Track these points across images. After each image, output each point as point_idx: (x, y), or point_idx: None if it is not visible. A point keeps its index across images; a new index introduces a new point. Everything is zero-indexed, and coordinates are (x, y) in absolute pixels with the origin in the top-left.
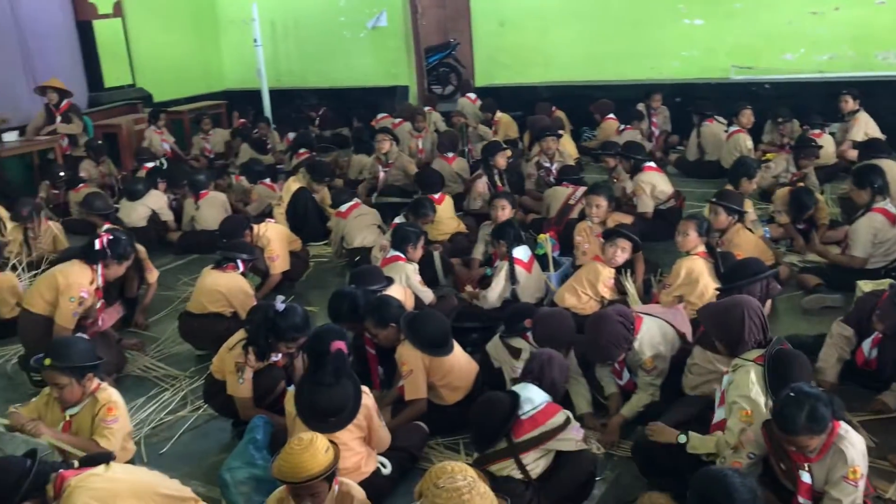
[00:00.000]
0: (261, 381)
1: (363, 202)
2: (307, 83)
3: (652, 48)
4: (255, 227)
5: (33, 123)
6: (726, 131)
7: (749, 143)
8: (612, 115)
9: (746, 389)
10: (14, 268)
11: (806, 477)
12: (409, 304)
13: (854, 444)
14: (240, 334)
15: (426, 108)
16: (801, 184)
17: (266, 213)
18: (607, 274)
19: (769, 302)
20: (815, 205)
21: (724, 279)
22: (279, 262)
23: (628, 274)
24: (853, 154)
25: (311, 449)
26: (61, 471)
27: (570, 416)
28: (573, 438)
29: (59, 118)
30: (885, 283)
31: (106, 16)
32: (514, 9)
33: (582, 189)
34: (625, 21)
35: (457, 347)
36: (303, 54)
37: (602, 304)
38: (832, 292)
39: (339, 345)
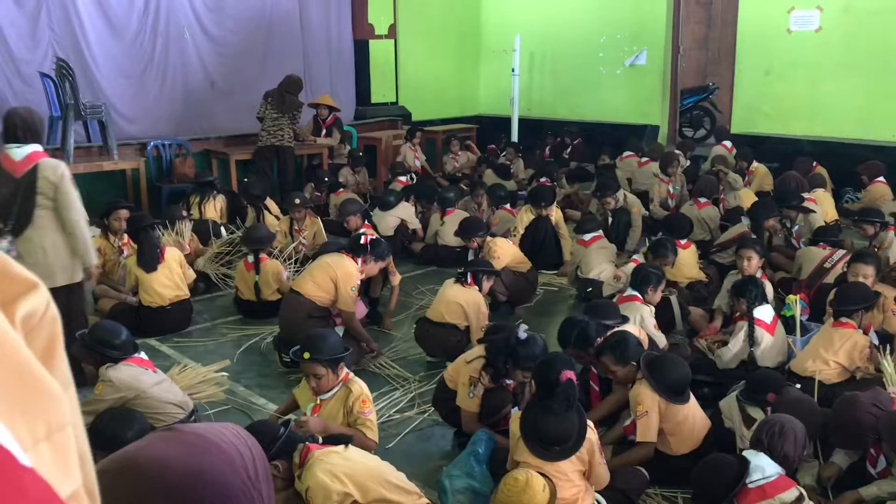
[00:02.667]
0: (490, 400)
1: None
2: (556, 115)
3: None
4: (489, 239)
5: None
6: None
7: None
8: (881, 179)
9: None
10: (276, 256)
11: None
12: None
13: None
14: (479, 350)
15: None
16: None
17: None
18: (864, 343)
19: None
20: None
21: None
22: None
23: (887, 350)
24: None
25: (529, 491)
26: (308, 443)
27: (805, 493)
28: None
29: (323, 131)
30: None
31: (381, 36)
32: (783, 57)
33: (840, 252)
34: None
35: (692, 399)
36: (556, 86)
37: (852, 376)
38: None
39: (570, 374)
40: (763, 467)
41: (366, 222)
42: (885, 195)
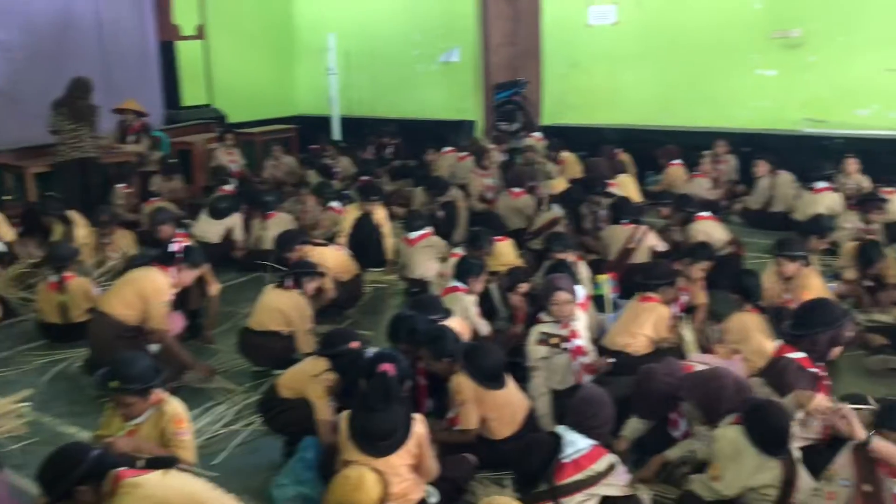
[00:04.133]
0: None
1: None
2: (377, 113)
3: (722, 96)
4: (314, 248)
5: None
6: (811, 188)
7: (836, 203)
8: (678, 161)
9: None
10: (87, 273)
11: None
12: (467, 336)
13: None
14: (322, 363)
15: (491, 147)
16: (870, 237)
17: (330, 239)
18: (667, 315)
19: (837, 349)
20: (882, 259)
21: (797, 323)
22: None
23: (683, 319)
24: None
25: (362, 487)
26: (123, 468)
27: (617, 460)
28: (619, 484)
29: (131, 137)
30: None
31: (189, 37)
32: (585, 51)
33: (642, 229)
34: (696, 68)
35: (510, 383)
36: (374, 84)
37: (657, 346)
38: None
39: (386, 367)
40: (575, 441)
41: (182, 231)
42: (681, 176)
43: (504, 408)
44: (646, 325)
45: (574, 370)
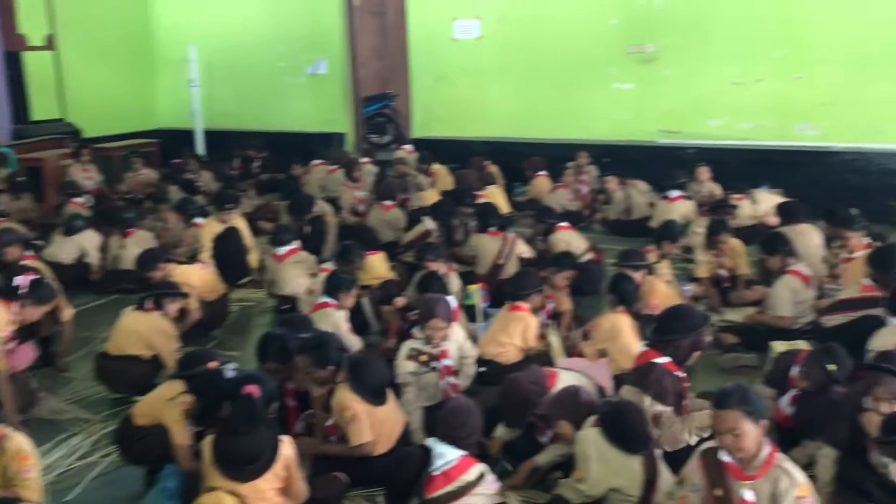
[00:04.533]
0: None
1: None
2: (243, 126)
3: (584, 109)
4: (177, 266)
5: None
6: (666, 197)
7: (690, 210)
8: (543, 173)
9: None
10: None
11: (750, 496)
12: None
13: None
14: (177, 386)
15: (363, 160)
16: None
17: (193, 257)
18: (535, 324)
19: (697, 354)
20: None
21: (660, 328)
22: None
23: (551, 326)
24: (774, 220)
25: None
26: None
27: (486, 469)
28: (489, 492)
29: None
30: (797, 344)
31: (37, 48)
32: (452, 64)
33: (511, 237)
34: (558, 81)
35: (392, 399)
36: (240, 97)
37: (526, 353)
38: (747, 352)
39: (251, 389)
40: (444, 453)
41: (31, 253)
42: (546, 187)
43: (384, 425)
44: (515, 334)
45: (442, 389)
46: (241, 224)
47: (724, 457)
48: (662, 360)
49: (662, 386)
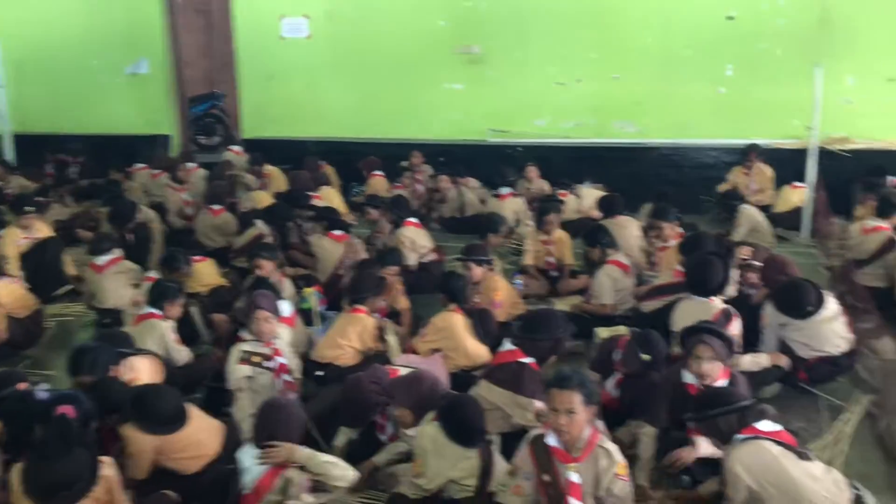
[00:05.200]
0: None
1: None
2: (59, 129)
3: (417, 108)
4: None
5: None
6: (496, 195)
7: (520, 206)
8: (379, 172)
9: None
10: None
11: (575, 477)
12: (158, 374)
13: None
14: None
15: (189, 166)
16: None
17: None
18: (372, 325)
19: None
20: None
21: (525, 327)
22: None
23: (389, 325)
24: (597, 213)
25: None
26: None
27: (296, 475)
28: (311, 500)
29: None
30: (619, 330)
31: None
32: (281, 63)
33: (355, 242)
34: (391, 81)
35: (197, 414)
36: (54, 98)
37: (365, 355)
38: (574, 339)
39: (65, 409)
40: (249, 469)
41: None
42: (384, 187)
43: (188, 447)
44: (353, 336)
45: (278, 388)
46: (45, 231)
47: (551, 441)
48: (528, 360)
49: (537, 383)
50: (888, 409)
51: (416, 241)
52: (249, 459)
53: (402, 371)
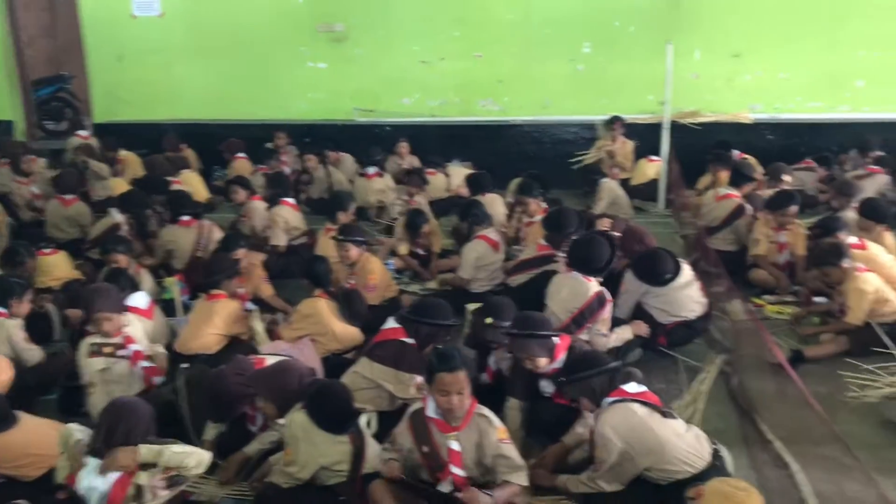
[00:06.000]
0: None
1: None
2: None
3: (280, 89)
4: None
5: None
6: (363, 174)
7: (388, 185)
8: (242, 154)
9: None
10: None
11: (455, 445)
12: (5, 375)
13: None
14: None
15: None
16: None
17: None
18: (237, 308)
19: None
20: (426, 224)
21: (413, 310)
22: None
23: (256, 312)
24: (466, 191)
25: None
26: None
27: (147, 476)
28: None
29: None
30: None
31: None
32: (133, 43)
33: (207, 225)
34: (251, 60)
35: (28, 419)
36: None
37: (230, 340)
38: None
39: None
40: (96, 486)
41: None
42: (248, 169)
43: (16, 449)
44: (217, 322)
45: (139, 376)
46: None
47: (430, 412)
48: (409, 340)
49: (417, 360)
50: (739, 367)
51: (289, 221)
52: (90, 478)
53: (269, 360)
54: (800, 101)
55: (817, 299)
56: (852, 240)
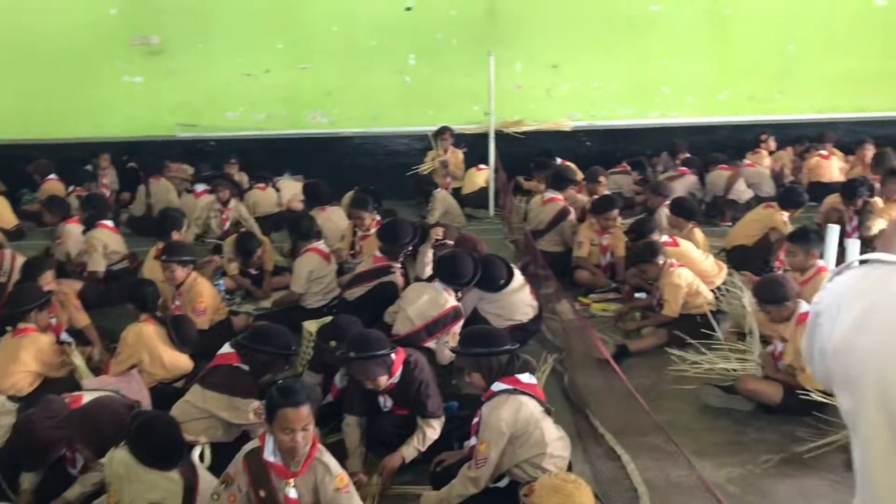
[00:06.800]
0: None
1: None
2: None
3: (92, 105)
4: None
5: None
6: (191, 191)
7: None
8: (53, 176)
9: None
10: None
11: (293, 493)
12: None
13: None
14: None
15: None
16: (243, 229)
17: None
18: (46, 342)
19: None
20: (260, 247)
21: (251, 337)
22: None
23: (73, 346)
24: (299, 205)
25: None
26: None
27: None
28: None
29: None
30: (327, 321)
31: None
32: None
33: (9, 253)
34: (59, 76)
35: None
36: None
37: (45, 378)
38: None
39: None
40: None
41: None
42: (60, 190)
43: None
44: (26, 359)
45: None
46: None
47: (269, 457)
48: (244, 367)
49: (252, 386)
50: (570, 365)
51: (108, 245)
52: None
53: (87, 397)
54: (614, 108)
55: (638, 295)
56: (665, 238)
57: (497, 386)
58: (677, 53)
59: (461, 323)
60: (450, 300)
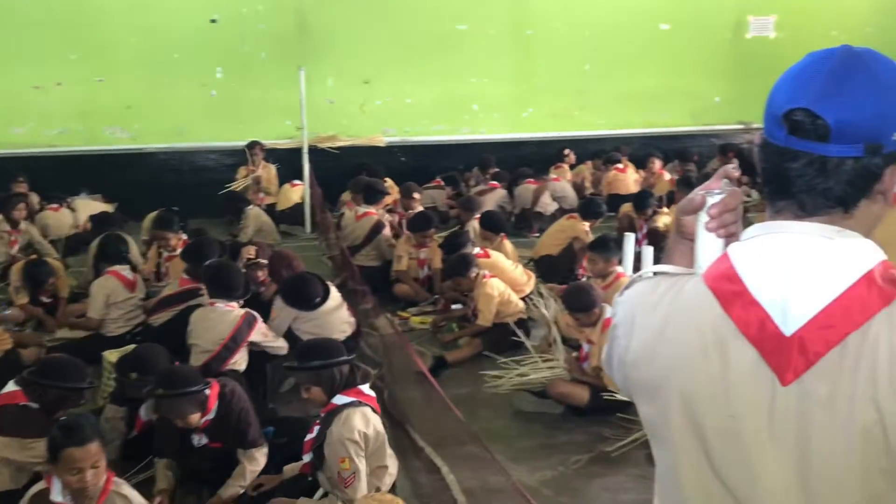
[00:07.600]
0: None
1: None
2: None
3: None
4: None
5: None
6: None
7: None
8: None
9: None
10: None
11: None
12: None
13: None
14: None
15: None
16: (34, 256)
17: None
18: None
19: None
20: (52, 275)
21: (38, 372)
22: None
23: None
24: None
25: None
26: None
27: None
28: None
29: None
30: (130, 349)
31: None
32: None
33: None
34: None
35: None
36: None
37: None
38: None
39: None
40: None
41: None
42: None
43: None
44: None
45: None
46: None
47: (57, 497)
48: (33, 405)
49: (44, 424)
50: (390, 379)
51: None
52: None
53: None
54: (426, 124)
55: (454, 306)
56: (477, 250)
57: (340, 399)
58: (484, 72)
59: (261, 324)
60: (236, 312)
